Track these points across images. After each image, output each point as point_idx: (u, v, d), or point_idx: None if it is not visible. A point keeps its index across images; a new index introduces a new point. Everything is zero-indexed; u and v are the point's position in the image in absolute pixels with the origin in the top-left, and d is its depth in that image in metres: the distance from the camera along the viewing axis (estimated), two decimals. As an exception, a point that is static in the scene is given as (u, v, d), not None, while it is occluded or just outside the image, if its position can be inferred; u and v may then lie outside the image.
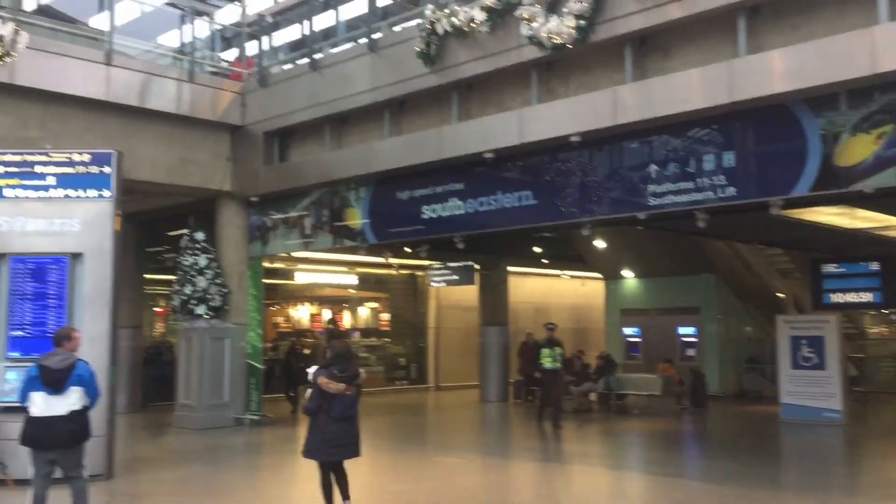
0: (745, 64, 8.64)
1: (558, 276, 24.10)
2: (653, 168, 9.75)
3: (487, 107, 11.32)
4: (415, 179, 12.21)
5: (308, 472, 7.87)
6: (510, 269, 20.27)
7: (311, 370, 7.29)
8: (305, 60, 13.69)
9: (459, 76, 11.19)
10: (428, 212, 12.08)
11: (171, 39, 16.85)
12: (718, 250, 19.09)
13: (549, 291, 24.05)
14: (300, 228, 14.03)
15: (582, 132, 9.92)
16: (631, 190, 10.01)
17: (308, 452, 7.19)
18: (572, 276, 24.12)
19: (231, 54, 17.66)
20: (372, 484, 9.89)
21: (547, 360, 14.44)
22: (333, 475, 7.29)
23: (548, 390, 14.83)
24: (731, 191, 9.08)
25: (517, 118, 10.59)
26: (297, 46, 16.27)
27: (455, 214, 11.77)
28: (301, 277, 21.75)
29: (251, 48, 15.24)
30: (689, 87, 9.03)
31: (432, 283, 17.78)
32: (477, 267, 17.61)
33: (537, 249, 19.75)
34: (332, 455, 7.17)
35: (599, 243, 17.91)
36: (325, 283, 22.69)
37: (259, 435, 13.54)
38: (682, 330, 19.71)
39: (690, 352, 19.37)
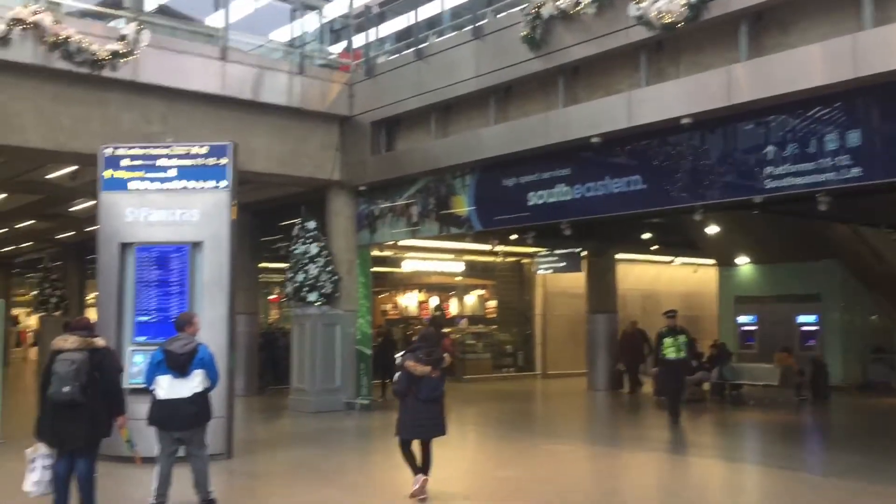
0: (872, 37, 8.14)
1: (669, 262, 23.51)
2: (770, 149, 9.33)
3: (595, 90, 11.12)
4: (521, 166, 12.13)
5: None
6: (618, 255, 19.91)
7: (399, 355, 7.70)
8: (411, 50, 13.80)
9: (565, 60, 11.02)
10: (534, 198, 11.98)
11: (282, 34, 17.33)
12: (842, 235, 18.12)
13: (658, 278, 23.51)
14: (407, 216, 14.20)
15: (693, 114, 9.61)
16: (746, 173, 9.63)
17: (400, 433, 7.74)
18: (683, 263, 23.48)
19: (339, 46, 18.01)
20: (480, 470, 9.97)
21: (670, 350, 13.37)
22: (421, 451, 7.75)
23: (670, 382, 13.68)
24: (856, 171, 8.59)
25: (625, 101, 10.36)
26: (403, 36, 16.42)
27: (562, 200, 11.63)
28: (408, 265, 22.02)
29: (358, 40, 15.49)
30: (809, 64, 8.59)
31: (539, 271, 17.66)
32: (584, 254, 17.38)
33: (646, 235, 19.30)
34: (420, 434, 7.70)
35: (712, 229, 17.33)
36: (432, 270, 22.91)
37: (369, 419, 13.81)
38: (801, 318, 18.86)
39: (811, 341, 18.53)
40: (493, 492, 8.59)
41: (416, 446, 7.82)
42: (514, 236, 16.60)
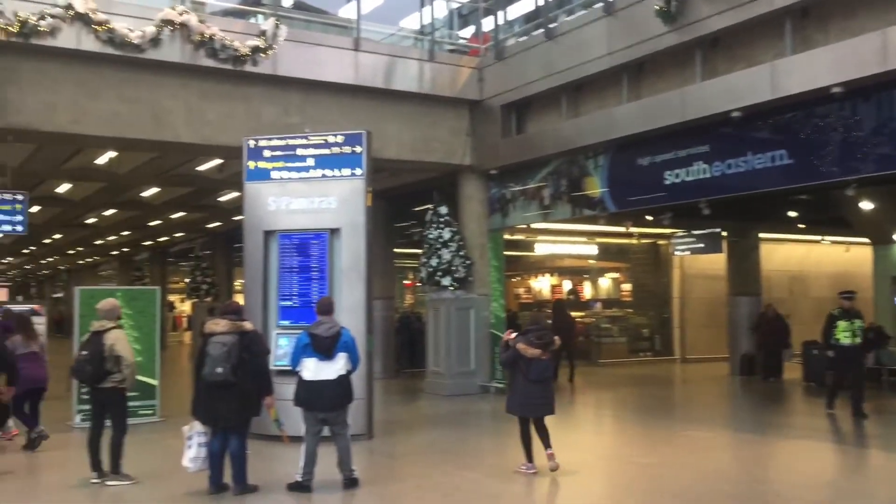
0: None
1: (817, 241, 22.25)
2: (932, 117, 8.64)
3: (735, 62, 10.63)
4: (656, 144, 11.78)
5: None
6: (762, 235, 19.01)
7: (511, 335, 8.20)
8: (540, 31, 13.63)
9: (703, 32, 10.59)
10: (670, 177, 11.61)
11: (411, 22, 17.54)
12: None
13: (806, 258, 22.31)
14: (539, 199, 14.09)
15: (845, 82, 9.01)
16: (905, 143, 8.96)
17: (509, 409, 8.18)
18: (834, 242, 22.16)
19: (468, 32, 18.06)
20: (617, 455, 9.79)
21: (844, 335, 12.01)
22: (535, 429, 8.07)
23: (845, 370, 12.32)
24: None
25: (769, 72, 9.84)
26: (532, 17, 16.25)
27: (700, 179, 11.21)
28: (541, 248, 21.88)
29: (487, 23, 15.46)
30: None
31: (676, 252, 17.13)
32: (724, 234, 16.70)
33: (793, 213, 18.31)
34: (530, 412, 8.06)
35: (866, 204, 16.23)
36: (565, 253, 22.67)
37: (504, 402, 13.81)
38: (967, 299, 17.42)
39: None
40: (633, 478, 8.42)
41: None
42: (649, 217, 16.16)
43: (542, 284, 24.70)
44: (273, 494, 7.24)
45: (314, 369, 7.21)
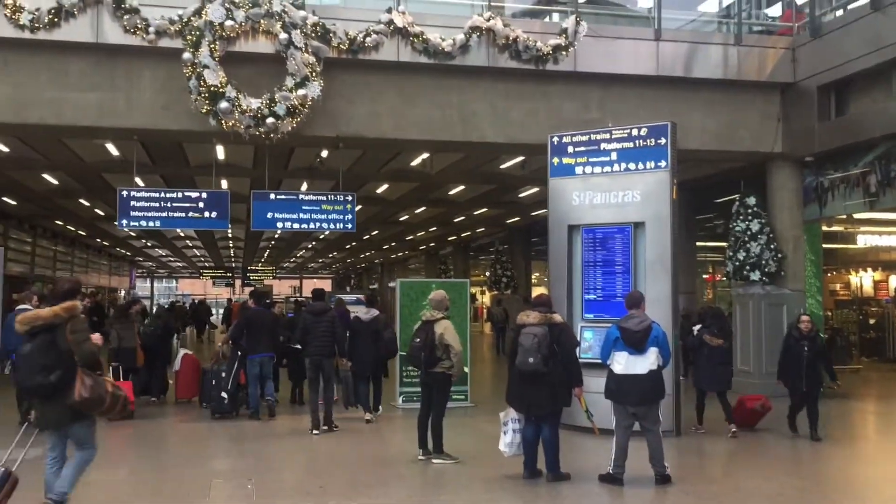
0: None
1: None
2: None
3: None
4: None
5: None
6: None
7: (696, 328, 10.45)
8: (865, 1, 12.38)
9: None
10: None
11: (710, 5, 16.78)
12: None
13: None
14: (863, 187, 12.82)
15: None
16: None
17: (699, 384, 10.43)
18: None
19: (775, 10, 16.90)
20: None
21: None
22: (721, 402, 10.12)
23: None
24: None
25: None
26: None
27: None
28: (864, 240, 19.85)
29: (798, -1, 14.36)
30: None
31: None
32: None
33: None
34: (715, 387, 10.19)
35: None
36: (893, 246, 20.37)
37: (822, 405, 12.79)
38: None
39: None
40: None
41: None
42: None
43: (864, 280, 22.40)
44: (585, 484, 7.36)
45: (625, 363, 7.22)
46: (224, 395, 11.19)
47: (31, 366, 5.52)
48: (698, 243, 20.34)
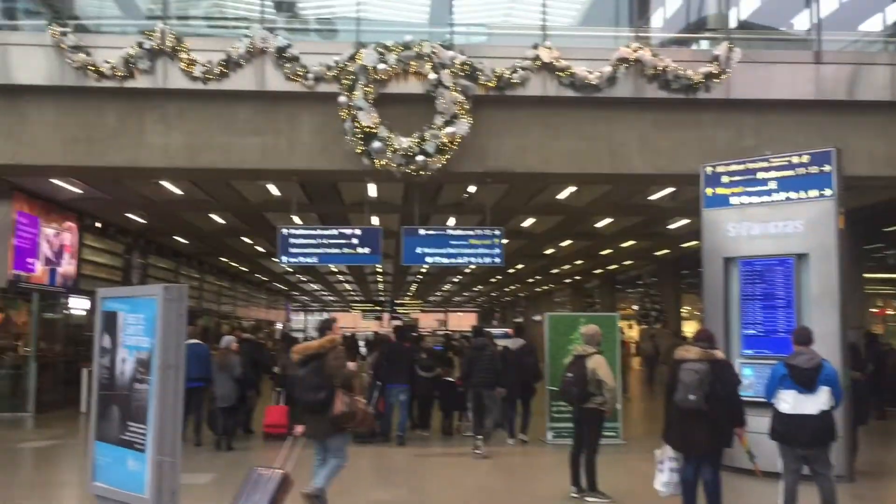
0: None
1: None
2: None
3: None
4: None
5: None
6: None
7: None
8: None
9: None
10: None
11: (873, 24, 15.88)
12: None
13: None
14: None
15: None
16: None
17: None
18: None
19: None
20: None
21: None
22: None
23: None
24: None
25: None
26: None
27: None
28: None
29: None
30: None
31: None
32: None
33: None
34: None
35: None
36: None
37: None
38: None
39: None
40: None
41: None
42: None
43: None
44: (749, 529, 7.02)
45: (793, 402, 6.84)
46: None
47: (305, 386, 7.10)
48: (866, 275, 19.08)
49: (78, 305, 19.01)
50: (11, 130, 11.83)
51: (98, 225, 19.79)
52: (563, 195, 17.15)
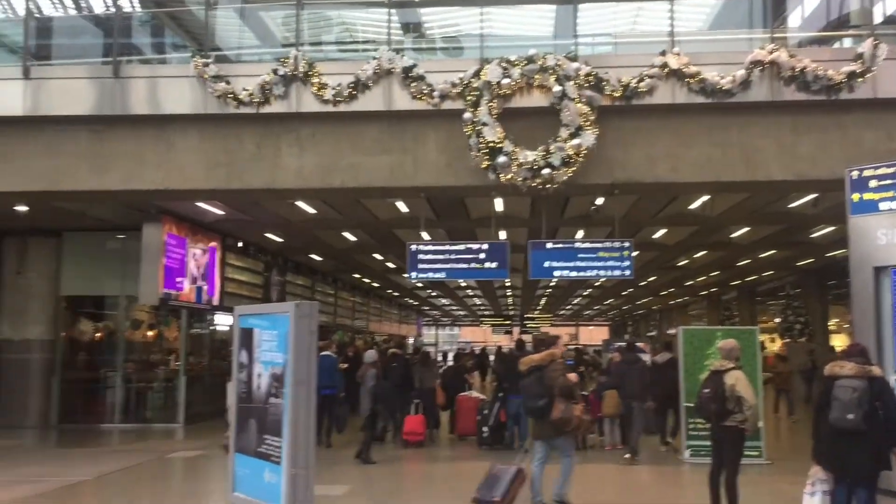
0: None
1: None
2: None
3: None
4: None
5: None
6: None
7: None
8: None
9: None
10: None
11: None
12: None
13: None
14: None
15: None
16: None
17: None
18: None
19: None
20: None
21: None
22: None
23: None
24: None
25: None
26: None
27: None
28: None
29: None
30: None
31: None
32: None
33: None
34: None
35: None
36: None
37: None
38: None
39: None
40: None
41: None
42: None
43: None
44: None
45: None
46: (485, 429, 13.69)
47: (529, 394, 8.34)
48: None
49: (222, 321, 20.03)
50: (161, 158, 12.59)
51: (240, 244, 20.80)
52: (695, 205, 16.60)
